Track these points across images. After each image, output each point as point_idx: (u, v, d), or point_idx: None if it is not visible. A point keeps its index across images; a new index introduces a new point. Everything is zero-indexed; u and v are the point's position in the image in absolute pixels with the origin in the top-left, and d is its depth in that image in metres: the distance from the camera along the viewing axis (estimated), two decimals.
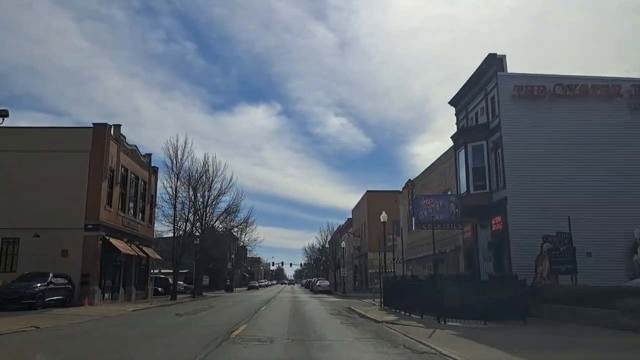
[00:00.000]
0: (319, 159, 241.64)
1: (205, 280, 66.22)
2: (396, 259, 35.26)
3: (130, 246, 31.18)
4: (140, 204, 34.88)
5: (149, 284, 36.98)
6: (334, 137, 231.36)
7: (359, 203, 57.97)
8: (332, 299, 38.05)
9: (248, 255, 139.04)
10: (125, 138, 30.96)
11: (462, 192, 21.25)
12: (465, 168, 20.11)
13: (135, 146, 33.22)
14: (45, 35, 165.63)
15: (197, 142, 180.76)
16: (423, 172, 34.45)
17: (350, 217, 64.23)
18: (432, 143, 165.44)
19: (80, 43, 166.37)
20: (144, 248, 34.19)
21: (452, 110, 24.99)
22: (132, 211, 32.97)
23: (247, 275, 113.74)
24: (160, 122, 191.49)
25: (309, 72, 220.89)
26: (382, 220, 29.47)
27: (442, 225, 21.37)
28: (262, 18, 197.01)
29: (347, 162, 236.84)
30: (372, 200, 50.33)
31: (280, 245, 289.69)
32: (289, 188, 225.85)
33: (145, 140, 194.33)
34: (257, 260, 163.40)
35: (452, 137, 22.85)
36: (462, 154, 20.71)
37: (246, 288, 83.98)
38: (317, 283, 56.58)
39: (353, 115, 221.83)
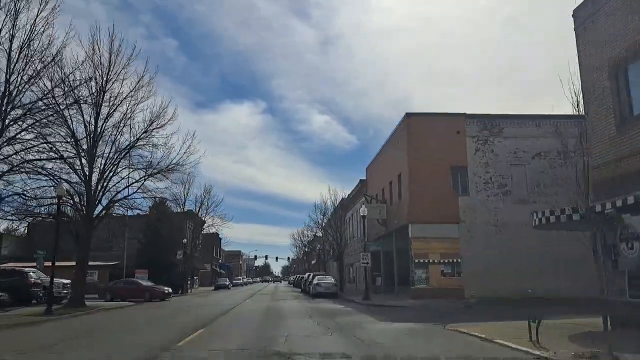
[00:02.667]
0: (304, 156, 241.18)
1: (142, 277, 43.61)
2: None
3: None
4: None
5: None
6: (319, 134, 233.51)
7: (383, 149, 35.74)
8: (377, 322, 15.20)
9: (227, 249, 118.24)
10: None
11: None
12: None
13: None
14: None
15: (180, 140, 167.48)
16: None
17: (364, 178, 42.00)
18: None
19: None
20: None
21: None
22: None
23: (220, 271, 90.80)
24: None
25: (291, 70, 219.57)
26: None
27: None
28: (243, 15, 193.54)
29: (332, 159, 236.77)
30: (416, 129, 28.19)
31: (267, 242, 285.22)
32: (274, 185, 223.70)
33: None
34: (238, 254, 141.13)
35: None
36: None
37: (213, 288, 61.60)
38: (316, 281, 34.27)
39: (337, 112, 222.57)
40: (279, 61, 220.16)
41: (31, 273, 24.52)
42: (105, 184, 22.34)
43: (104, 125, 21.89)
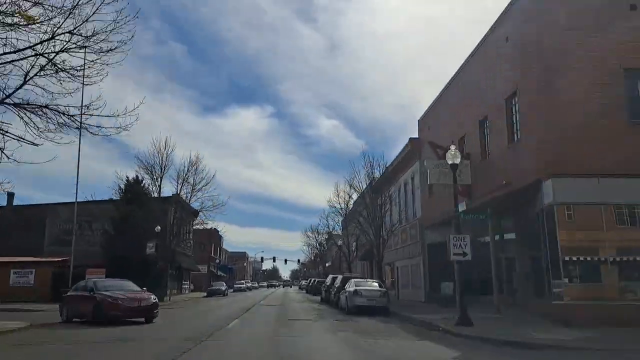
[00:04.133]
0: (313, 161, 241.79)
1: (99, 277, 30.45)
2: None
3: None
4: None
5: None
6: (327, 139, 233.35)
7: (461, 72, 22.36)
8: None
9: (231, 249, 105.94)
10: None
11: None
12: None
13: None
14: None
15: (187, 143, 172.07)
16: None
17: (416, 136, 28.64)
18: None
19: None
20: None
21: None
22: None
23: (220, 273, 77.85)
24: (150, 123, 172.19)
25: (299, 74, 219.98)
26: None
27: None
28: (250, 19, 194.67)
29: (341, 163, 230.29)
30: (552, 3, 14.96)
31: (275, 246, 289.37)
32: (282, 190, 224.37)
33: (136, 142, 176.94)
34: (243, 255, 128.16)
35: None
36: None
37: (205, 294, 48.44)
38: (352, 287, 20.79)
39: (345, 117, 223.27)
40: (286, 65, 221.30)
41: None
42: None
43: None
